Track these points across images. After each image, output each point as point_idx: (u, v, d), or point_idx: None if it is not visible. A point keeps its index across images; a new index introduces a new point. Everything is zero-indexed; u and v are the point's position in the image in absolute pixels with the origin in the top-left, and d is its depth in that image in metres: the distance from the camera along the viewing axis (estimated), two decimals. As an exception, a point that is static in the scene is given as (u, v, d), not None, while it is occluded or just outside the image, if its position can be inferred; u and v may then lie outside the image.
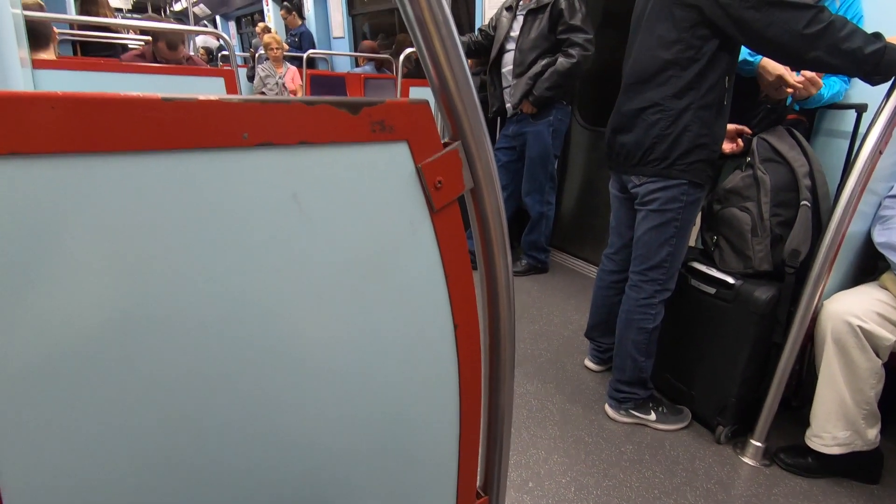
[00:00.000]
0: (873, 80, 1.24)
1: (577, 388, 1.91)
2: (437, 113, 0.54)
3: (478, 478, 0.74)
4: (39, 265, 0.34)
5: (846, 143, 1.70)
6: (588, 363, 2.04)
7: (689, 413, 1.72)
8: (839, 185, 1.33)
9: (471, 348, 0.62)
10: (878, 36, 1.20)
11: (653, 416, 1.69)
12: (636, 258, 1.60)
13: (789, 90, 1.52)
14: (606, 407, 1.76)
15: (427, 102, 0.49)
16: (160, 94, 0.34)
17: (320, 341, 0.50)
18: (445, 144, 0.52)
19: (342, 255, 0.48)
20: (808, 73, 1.48)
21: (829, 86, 1.63)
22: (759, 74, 1.55)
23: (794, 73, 1.51)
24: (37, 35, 2.18)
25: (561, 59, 2.48)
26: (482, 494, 0.74)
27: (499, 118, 2.95)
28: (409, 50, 3.20)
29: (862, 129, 1.66)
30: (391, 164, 0.48)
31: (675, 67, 1.39)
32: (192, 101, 0.36)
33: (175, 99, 0.35)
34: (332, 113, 0.42)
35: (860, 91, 1.68)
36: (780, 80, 1.50)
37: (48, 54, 2.25)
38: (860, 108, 1.65)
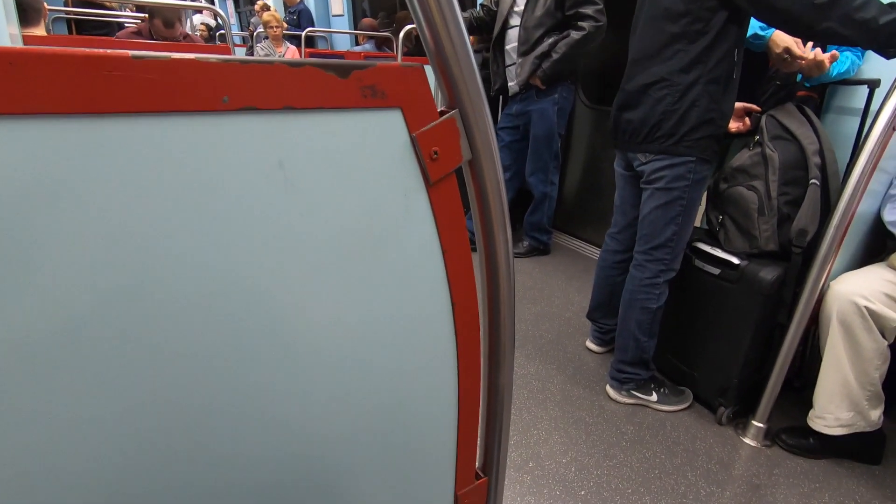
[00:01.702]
0: (888, 53, 1.19)
1: (579, 369, 1.90)
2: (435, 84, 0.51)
3: (477, 458, 0.73)
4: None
5: (857, 120, 1.65)
6: (589, 344, 2.03)
7: (691, 394, 1.71)
8: (849, 163, 1.30)
9: (469, 327, 0.60)
10: (893, 6, 1.16)
11: (654, 397, 1.68)
12: (641, 237, 1.58)
13: (799, 62, 1.46)
14: (608, 388, 1.75)
15: (422, 67, 0.46)
16: (129, 52, 0.32)
17: (310, 321, 0.48)
18: (442, 113, 0.49)
19: (331, 228, 0.45)
20: (819, 57, 1.42)
21: (840, 62, 1.58)
22: (769, 47, 1.50)
23: (806, 46, 1.46)
24: (26, 10, 2.13)
25: (572, 33, 2.41)
26: (481, 475, 0.73)
27: (500, 97, 2.90)
28: (409, 27, 3.13)
29: (874, 106, 1.61)
30: (383, 132, 0.45)
31: (682, 41, 1.35)
32: (165, 59, 0.33)
33: (146, 57, 0.32)
34: (318, 76, 0.40)
35: (873, 66, 1.63)
36: (788, 51, 1.45)
37: (39, 31, 2.20)
38: (872, 84, 1.60)
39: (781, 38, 1.47)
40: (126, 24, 4.17)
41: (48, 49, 0.29)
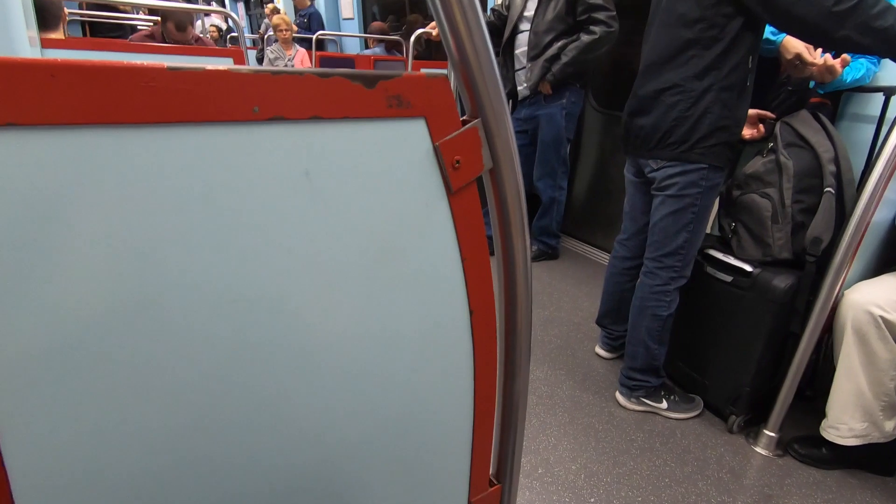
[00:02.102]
0: (905, 61, 1.19)
1: (588, 374, 1.90)
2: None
3: (491, 465, 0.73)
4: (36, 245, 0.32)
5: (872, 128, 1.64)
6: (599, 350, 2.03)
7: (701, 402, 1.70)
8: (864, 171, 1.29)
9: (486, 335, 0.60)
10: (910, 14, 1.15)
11: (664, 405, 1.67)
12: (652, 244, 1.57)
13: (811, 67, 1.46)
14: (617, 394, 1.75)
15: (446, 77, 0.46)
16: (165, 63, 0.32)
17: (332, 326, 0.48)
18: (464, 122, 0.49)
19: (355, 236, 0.46)
20: (829, 62, 1.42)
21: (855, 69, 1.57)
22: (780, 53, 1.50)
23: (816, 52, 1.45)
24: (45, 15, 2.16)
25: (583, 36, 2.41)
26: (495, 482, 0.73)
27: (510, 101, 2.90)
28: (419, 31, 3.14)
29: (890, 113, 1.60)
30: (407, 141, 0.45)
31: (696, 47, 1.34)
32: (199, 71, 0.33)
33: (181, 69, 0.33)
34: (346, 86, 0.40)
35: (889, 73, 1.61)
36: (799, 58, 1.44)
37: (57, 35, 2.23)
38: (889, 91, 1.59)
39: (793, 44, 1.46)
40: (139, 27, 4.22)
41: (88, 62, 0.30)
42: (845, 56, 1.41)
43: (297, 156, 0.40)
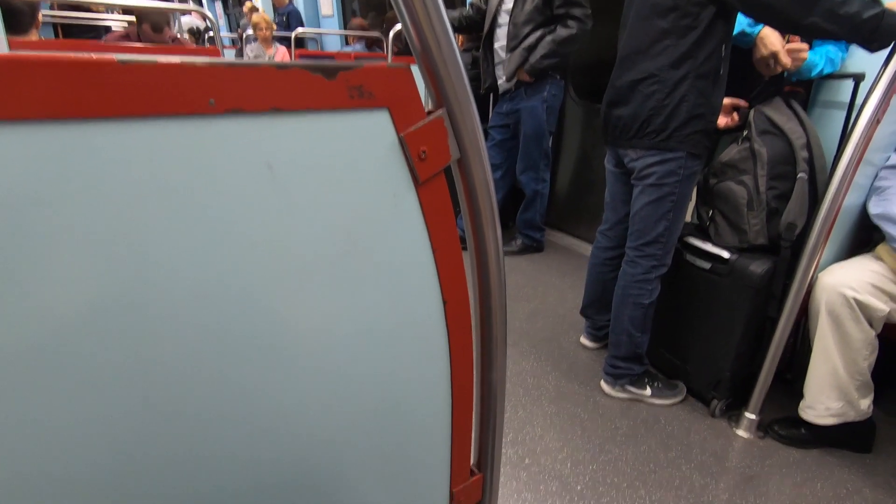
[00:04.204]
0: (871, 47, 1.21)
1: (573, 365, 1.92)
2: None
3: (471, 455, 0.73)
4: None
5: (843, 114, 1.67)
6: (583, 340, 2.05)
7: (684, 387, 1.73)
8: (836, 155, 1.31)
9: (461, 325, 0.60)
10: (876, 0, 1.17)
11: (648, 392, 1.69)
12: (633, 233, 1.59)
13: (779, 68, 1.48)
14: (602, 383, 1.77)
15: (409, 67, 0.46)
16: (116, 56, 0.32)
17: (301, 322, 0.48)
18: (429, 113, 0.49)
19: (321, 229, 0.46)
20: (790, 46, 1.45)
21: (821, 53, 1.60)
22: (756, 46, 1.51)
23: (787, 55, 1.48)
24: (16, 19, 2.10)
25: (560, 29, 2.43)
26: (476, 472, 0.74)
27: (491, 95, 2.90)
28: (398, 26, 3.13)
29: (859, 99, 1.63)
30: (371, 132, 0.45)
31: (671, 36, 1.36)
32: (150, 64, 0.33)
33: (133, 61, 0.32)
34: (305, 77, 0.40)
35: (858, 60, 1.65)
36: (774, 57, 1.46)
37: (30, 38, 2.17)
38: (858, 77, 1.62)
39: (770, 41, 1.46)
40: (113, 28, 4.14)
41: (35, 55, 0.29)
42: (804, 45, 1.45)
43: (257, 148, 0.40)
